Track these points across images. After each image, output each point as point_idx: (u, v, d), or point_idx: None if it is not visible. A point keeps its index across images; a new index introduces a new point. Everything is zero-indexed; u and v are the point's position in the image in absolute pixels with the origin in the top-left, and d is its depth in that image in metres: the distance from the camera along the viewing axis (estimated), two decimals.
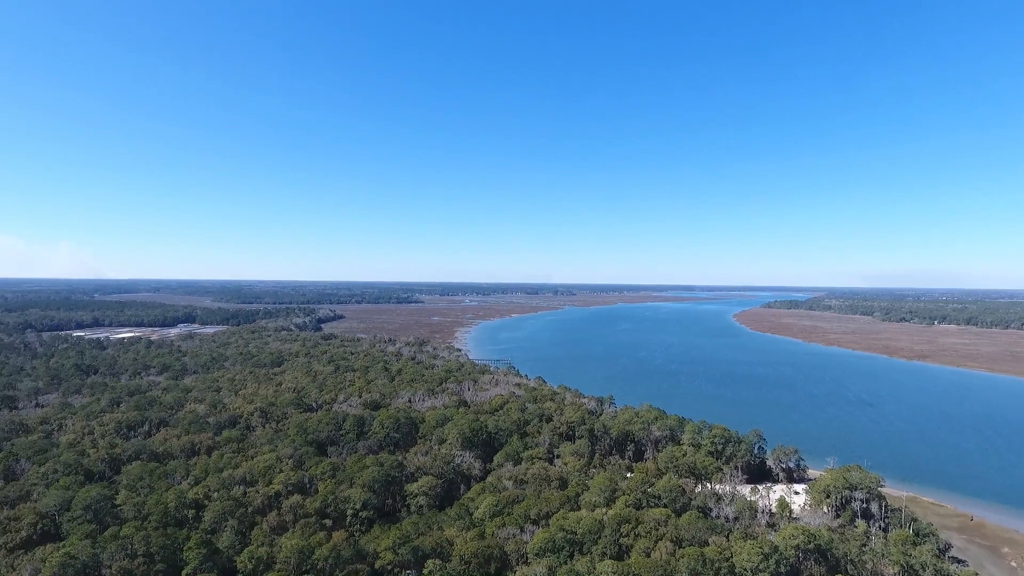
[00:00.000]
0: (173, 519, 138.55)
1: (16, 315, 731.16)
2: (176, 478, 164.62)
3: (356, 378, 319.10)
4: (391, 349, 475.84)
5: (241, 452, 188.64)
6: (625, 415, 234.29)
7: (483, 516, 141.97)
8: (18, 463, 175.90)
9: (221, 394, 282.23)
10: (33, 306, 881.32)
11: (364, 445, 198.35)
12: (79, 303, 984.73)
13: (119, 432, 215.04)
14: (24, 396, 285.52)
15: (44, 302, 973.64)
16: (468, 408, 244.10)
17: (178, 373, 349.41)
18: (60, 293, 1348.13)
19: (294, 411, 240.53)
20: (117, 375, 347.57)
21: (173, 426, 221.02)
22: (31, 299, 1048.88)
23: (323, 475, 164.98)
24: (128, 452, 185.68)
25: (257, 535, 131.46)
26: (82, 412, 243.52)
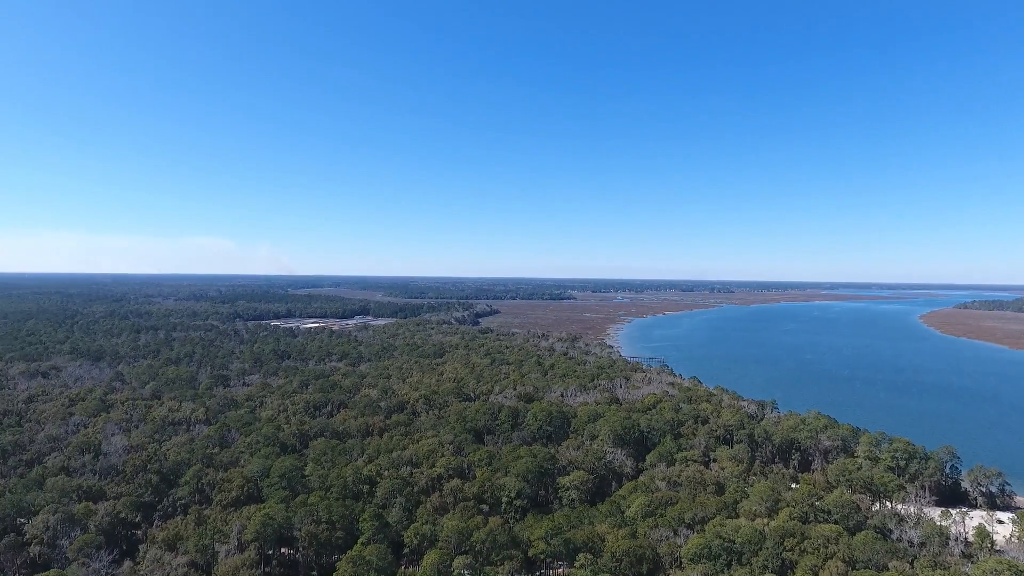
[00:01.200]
0: (351, 492, 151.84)
1: (228, 306, 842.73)
2: (353, 455, 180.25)
3: (511, 371, 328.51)
4: (544, 344, 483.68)
5: (408, 435, 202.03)
6: (789, 421, 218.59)
7: (635, 515, 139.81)
8: (229, 433, 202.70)
9: (391, 381, 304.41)
10: (241, 298, 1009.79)
11: (518, 436, 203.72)
12: (276, 296, 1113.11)
13: (307, 411, 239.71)
14: (234, 376, 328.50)
15: (249, 295, 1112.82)
16: (620, 405, 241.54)
17: (355, 360, 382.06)
18: (261, 287, 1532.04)
19: (454, 400, 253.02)
20: (306, 360, 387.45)
21: (351, 408, 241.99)
22: (239, 292, 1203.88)
23: (480, 462, 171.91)
24: (314, 429, 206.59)
25: (422, 514, 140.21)
26: (278, 392, 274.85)
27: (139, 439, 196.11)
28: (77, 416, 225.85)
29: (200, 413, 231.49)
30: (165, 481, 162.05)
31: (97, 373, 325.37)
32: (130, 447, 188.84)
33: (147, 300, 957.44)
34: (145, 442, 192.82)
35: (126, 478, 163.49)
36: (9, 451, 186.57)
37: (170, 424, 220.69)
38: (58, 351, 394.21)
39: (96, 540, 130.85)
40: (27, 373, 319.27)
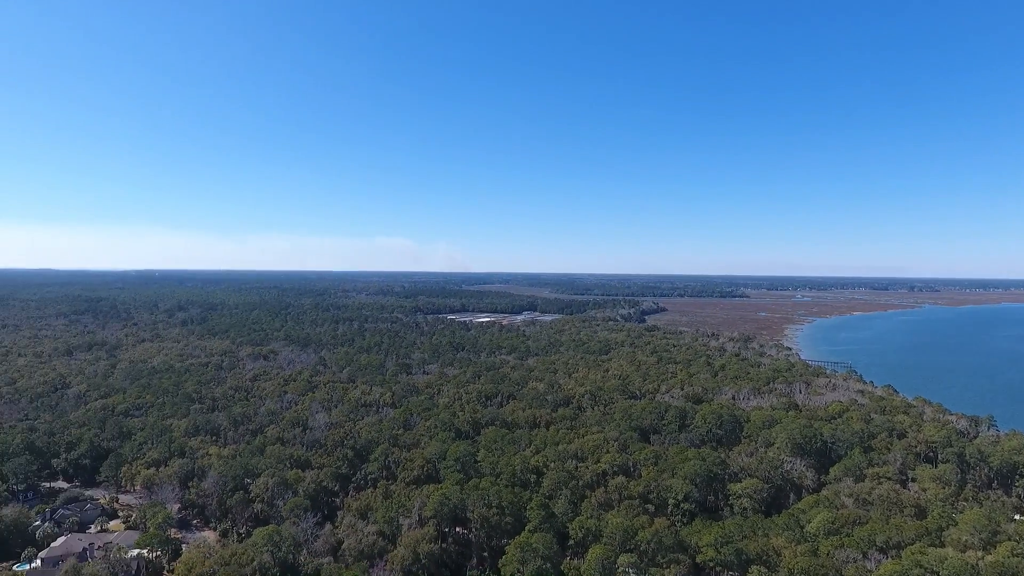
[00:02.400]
0: (519, 480, 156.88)
1: (410, 301, 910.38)
2: (521, 445, 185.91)
3: (678, 370, 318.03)
4: (714, 344, 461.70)
5: (573, 430, 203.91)
6: (1012, 442, 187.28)
7: (816, 531, 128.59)
8: (412, 416, 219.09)
9: (557, 376, 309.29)
10: (421, 294, 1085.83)
11: (686, 437, 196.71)
12: (451, 292, 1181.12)
13: (479, 400, 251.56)
14: (416, 365, 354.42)
15: (428, 291, 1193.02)
16: (799, 412, 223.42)
17: (523, 355, 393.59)
18: (438, 284, 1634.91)
19: (619, 397, 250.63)
20: (478, 353, 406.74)
21: (519, 400, 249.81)
22: (420, 288, 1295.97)
23: (646, 461, 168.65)
24: (486, 418, 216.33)
25: (586, 507, 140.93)
26: (454, 381, 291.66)
27: (338, 417, 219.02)
28: (289, 395, 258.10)
29: (387, 397, 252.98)
30: (358, 456, 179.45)
31: (305, 358, 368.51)
32: (330, 424, 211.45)
33: (344, 295, 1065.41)
34: (342, 420, 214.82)
35: (327, 451, 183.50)
36: (239, 421, 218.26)
37: (362, 406, 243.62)
38: (275, 337, 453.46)
39: (304, 503, 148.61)
40: (252, 355, 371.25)
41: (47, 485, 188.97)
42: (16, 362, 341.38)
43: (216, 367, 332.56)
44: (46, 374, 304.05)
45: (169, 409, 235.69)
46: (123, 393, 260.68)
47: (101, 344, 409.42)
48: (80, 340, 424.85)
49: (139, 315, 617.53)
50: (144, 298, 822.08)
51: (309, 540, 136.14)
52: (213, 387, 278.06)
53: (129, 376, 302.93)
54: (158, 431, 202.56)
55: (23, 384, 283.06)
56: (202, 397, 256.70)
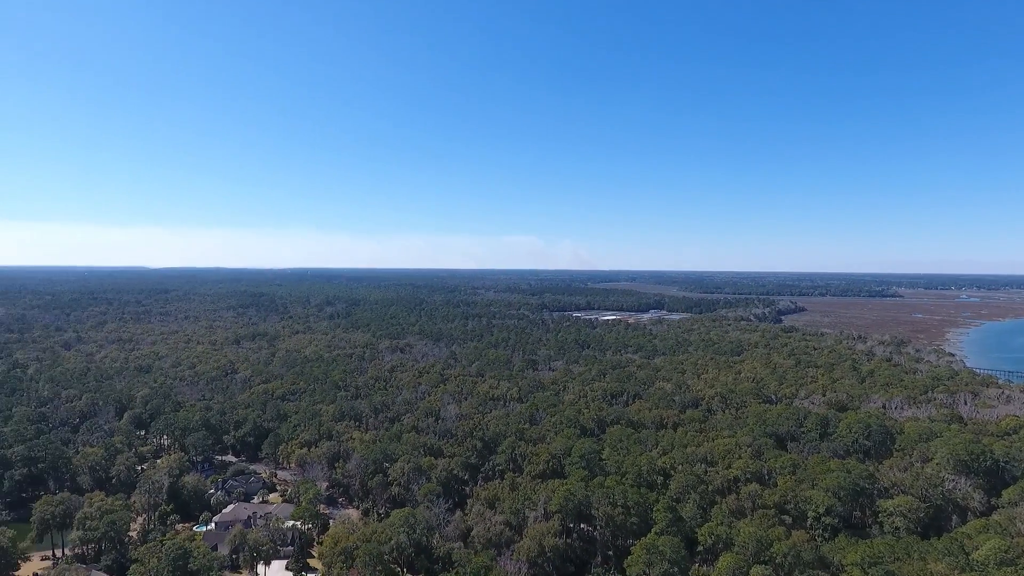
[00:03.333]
0: (645, 481, 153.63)
1: (536, 298, 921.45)
2: (647, 445, 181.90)
3: (819, 375, 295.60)
4: (860, 347, 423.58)
5: (702, 432, 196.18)
6: None
7: (986, 560, 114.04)
8: (538, 412, 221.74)
9: (685, 376, 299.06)
10: (547, 291, 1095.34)
11: (828, 447, 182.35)
12: (577, 290, 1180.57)
13: (604, 398, 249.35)
14: (542, 361, 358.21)
15: (554, 288, 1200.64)
16: (963, 425, 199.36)
17: (649, 353, 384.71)
18: (564, 281, 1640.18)
19: (753, 400, 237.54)
20: (603, 351, 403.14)
21: (645, 399, 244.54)
22: (546, 286, 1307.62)
23: (782, 469, 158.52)
24: (611, 416, 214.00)
25: (716, 514, 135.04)
26: (579, 378, 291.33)
27: (467, 409, 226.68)
28: (423, 386, 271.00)
29: (514, 392, 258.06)
30: (486, 448, 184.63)
31: (437, 351, 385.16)
32: (460, 415, 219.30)
33: (473, 292, 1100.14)
34: (472, 412, 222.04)
35: (457, 441, 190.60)
36: (379, 408, 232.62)
37: (490, 399, 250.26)
38: (411, 332, 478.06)
39: (436, 489, 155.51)
40: (390, 348, 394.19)
41: (219, 458, 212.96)
42: (196, 349, 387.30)
43: (359, 358, 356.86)
44: (219, 360, 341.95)
45: (319, 395, 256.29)
46: (280, 379, 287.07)
47: (263, 335, 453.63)
48: (246, 331, 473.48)
49: (294, 309, 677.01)
50: (298, 294, 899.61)
51: (441, 524, 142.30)
52: (356, 376, 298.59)
53: (286, 364, 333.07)
54: (309, 415, 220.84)
55: (201, 368, 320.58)
56: (347, 385, 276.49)
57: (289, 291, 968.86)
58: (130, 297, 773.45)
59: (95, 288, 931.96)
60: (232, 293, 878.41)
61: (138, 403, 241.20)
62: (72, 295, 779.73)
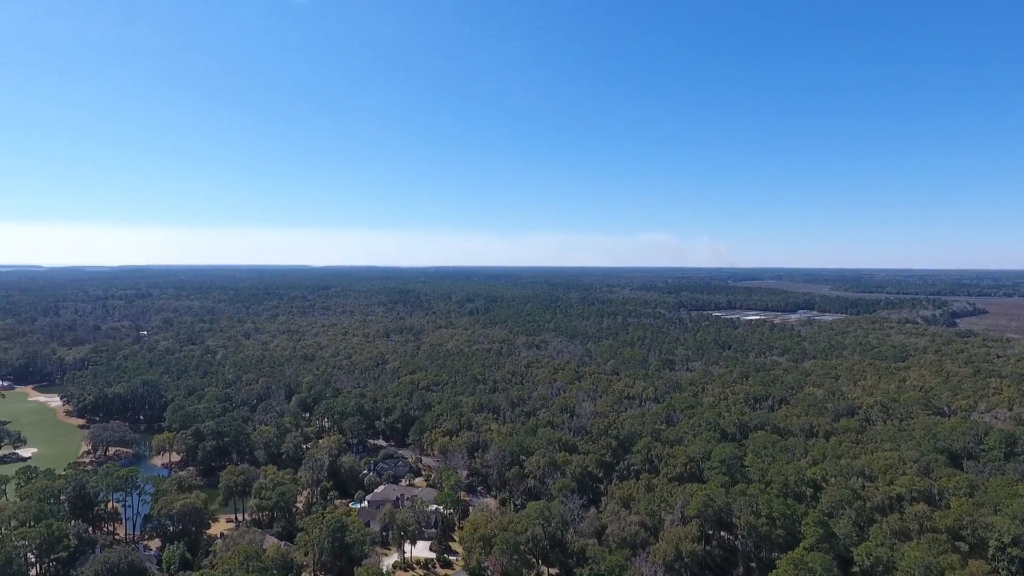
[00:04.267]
0: (792, 491, 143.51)
1: (672, 296, 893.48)
2: (795, 454, 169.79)
3: (1003, 386, 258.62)
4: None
5: (859, 444, 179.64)
6: None
7: None
8: (674, 413, 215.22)
9: (839, 382, 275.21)
10: (684, 290, 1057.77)
11: (1015, 468, 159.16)
12: (716, 288, 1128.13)
13: (747, 402, 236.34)
14: (679, 361, 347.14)
15: (691, 287, 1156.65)
16: None
17: (798, 356, 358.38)
18: (703, 279, 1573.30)
19: (920, 412, 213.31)
20: (746, 352, 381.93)
21: (793, 405, 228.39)
22: (683, 284, 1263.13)
23: (957, 490, 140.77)
24: (754, 421, 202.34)
25: (876, 533, 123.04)
26: (719, 380, 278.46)
27: (602, 407, 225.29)
28: (558, 382, 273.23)
29: (650, 391, 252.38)
30: (621, 446, 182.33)
31: (572, 349, 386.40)
32: (595, 413, 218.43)
33: (608, 289, 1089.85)
34: (606, 410, 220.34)
35: (592, 438, 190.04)
36: (516, 402, 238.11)
37: (626, 398, 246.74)
38: (546, 329, 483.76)
39: (571, 485, 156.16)
40: (526, 344, 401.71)
41: (371, 442, 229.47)
42: (351, 341, 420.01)
43: (496, 353, 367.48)
44: (371, 352, 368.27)
45: (459, 387, 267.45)
46: (425, 371, 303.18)
47: (409, 329, 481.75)
48: (394, 325, 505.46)
49: (437, 305, 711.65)
50: (440, 291, 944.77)
51: (575, 520, 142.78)
52: (494, 370, 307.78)
53: (429, 357, 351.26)
54: (451, 405, 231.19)
55: (356, 359, 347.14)
56: (485, 379, 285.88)
57: (432, 288, 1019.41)
58: (297, 293, 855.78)
59: (269, 284, 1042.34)
60: (383, 290, 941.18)
61: (303, 388, 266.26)
62: (251, 291, 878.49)
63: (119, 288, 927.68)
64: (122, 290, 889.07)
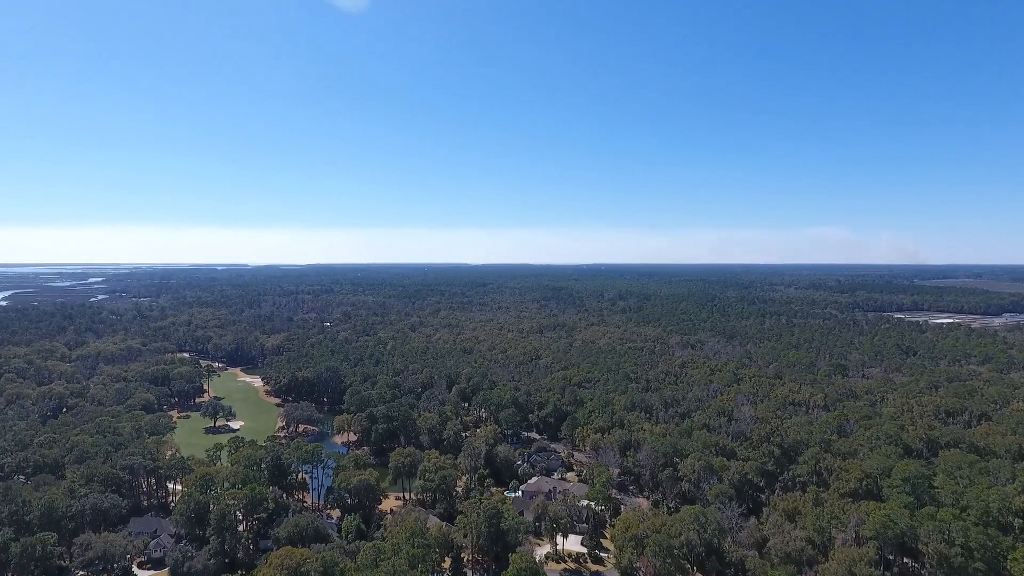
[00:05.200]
0: (994, 520, 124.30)
1: (846, 296, 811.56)
2: (999, 478, 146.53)
3: None
4: None
5: None
6: None
7: None
8: (847, 422, 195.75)
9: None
10: (859, 289, 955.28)
11: None
12: (899, 287, 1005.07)
13: (936, 416, 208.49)
14: (852, 367, 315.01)
15: (868, 285, 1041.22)
16: None
17: (1003, 366, 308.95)
18: (882, 277, 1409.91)
19: None
20: (935, 360, 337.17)
21: (997, 422, 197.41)
22: (858, 283, 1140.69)
23: None
24: (946, 438, 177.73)
25: None
26: (902, 390, 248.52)
27: (763, 412, 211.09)
28: (715, 384, 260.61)
29: (818, 398, 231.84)
30: (785, 455, 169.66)
31: (730, 350, 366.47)
32: (756, 418, 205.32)
33: (770, 288, 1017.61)
34: (768, 416, 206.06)
35: (752, 445, 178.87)
36: (669, 403, 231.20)
37: (790, 404, 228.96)
38: (702, 328, 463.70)
39: (728, 491, 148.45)
40: (681, 344, 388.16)
41: (525, 434, 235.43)
42: (507, 336, 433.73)
43: (649, 352, 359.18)
44: (525, 347, 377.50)
45: (611, 385, 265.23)
46: (577, 367, 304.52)
47: (561, 325, 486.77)
48: (547, 321, 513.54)
49: (589, 302, 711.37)
50: (593, 288, 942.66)
51: (734, 529, 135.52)
52: (647, 369, 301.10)
53: (582, 353, 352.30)
54: (603, 403, 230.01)
55: (511, 353, 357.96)
56: (637, 377, 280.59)
57: (585, 286, 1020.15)
58: (456, 289, 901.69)
59: (432, 281, 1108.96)
60: (536, 287, 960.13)
61: (463, 379, 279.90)
62: (416, 287, 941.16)
63: (308, 284, 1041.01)
64: (310, 286, 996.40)
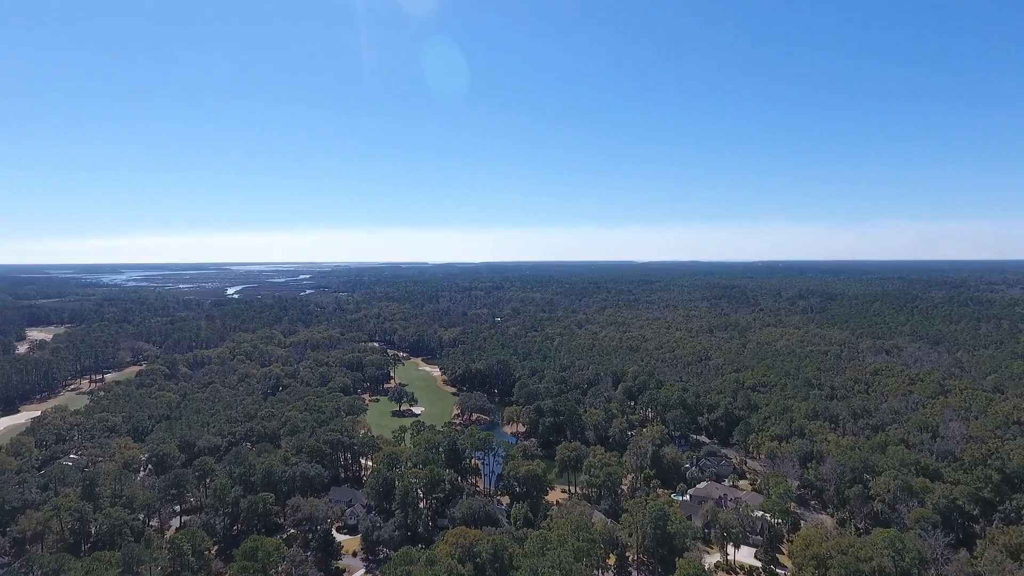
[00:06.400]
0: None
1: None
2: None
3: None
4: None
5: None
6: None
7: None
8: None
9: None
10: None
11: None
12: None
13: None
14: None
15: None
16: None
17: None
18: None
19: None
20: None
21: None
22: None
23: None
24: None
25: None
26: None
27: (978, 431, 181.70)
28: (915, 395, 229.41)
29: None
30: (1007, 482, 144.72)
31: (935, 357, 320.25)
32: (968, 436, 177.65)
33: (988, 287, 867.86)
34: (985, 435, 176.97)
35: (963, 467, 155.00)
36: (859, 413, 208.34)
37: (1014, 423, 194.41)
38: (899, 332, 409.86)
39: (932, 518, 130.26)
40: (873, 349, 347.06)
41: (693, 437, 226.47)
42: (674, 335, 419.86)
43: (834, 356, 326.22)
44: (694, 347, 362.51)
45: (790, 390, 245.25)
46: (751, 370, 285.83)
47: (734, 325, 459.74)
48: (718, 321, 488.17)
49: (764, 302, 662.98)
50: (769, 287, 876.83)
51: (938, 561, 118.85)
52: (832, 375, 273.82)
53: (756, 355, 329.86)
54: (780, 409, 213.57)
55: (679, 352, 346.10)
56: (820, 384, 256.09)
57: (759, 284, 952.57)
58: (623, 287, 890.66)
59: (597, 279, 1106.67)
60: (706, 285, 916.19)
61: (629, 377, 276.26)
62: (582, 285, 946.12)
63: (480, 281, 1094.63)
64: (482, 283, 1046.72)
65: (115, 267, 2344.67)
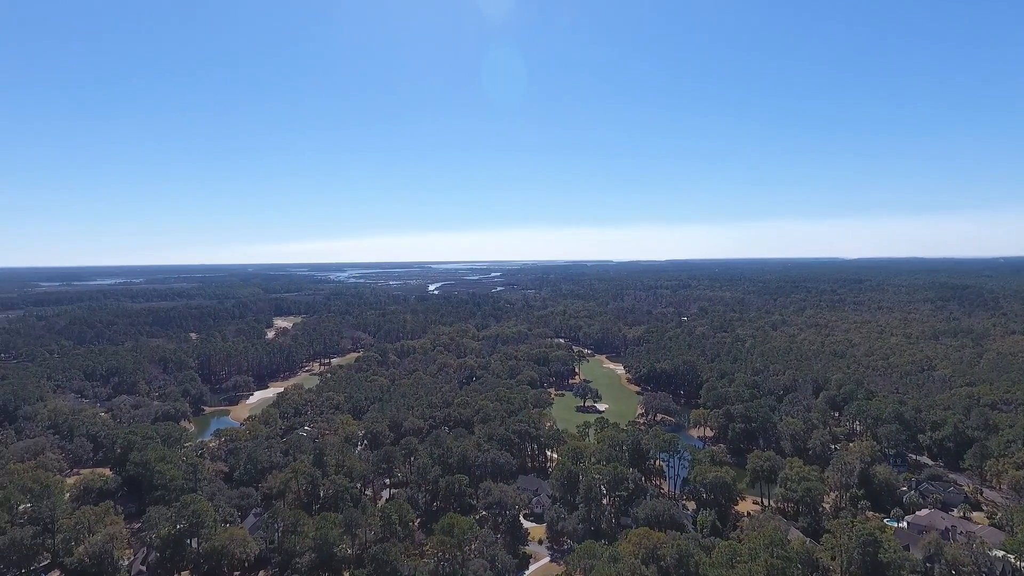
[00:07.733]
0: None
1: None
2: None
3: None
4: None
5: None
6: None
7: None
8: None
9: None
10: None
11: None
12: None
13: None
14: None
15: None
16: None
17: None
18: None
19: None
20: None
21: None
22: None
23: None
24: None
25: None
26: None
27: None
28: None
29: None
30: None
31: None
32: None
33: None
34: None
35: None
36: None
37: None
38: None
39: None
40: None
41: (912, 457, 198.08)
42: (889, 340, 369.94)
43: None
44: (914, 354, 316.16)
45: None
46: (989, 384, 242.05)
47: (966, 332, 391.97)
48: (945, 326, 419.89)
49: (1008, 305, 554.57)
50: (1015, 287, 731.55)
51: None
52: None
53: (996, 368, 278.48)
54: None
55: (894, 360, 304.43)
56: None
57: (1003, 283, 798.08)
58: (825, 286, 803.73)
59: (796, 277, 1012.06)
60: (929, 285, 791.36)
61: (832, 385, 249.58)
62: (777, 283, 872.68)
63: (665, 279, 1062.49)
64: (668, 281, 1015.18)
65: (339, 265, 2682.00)
